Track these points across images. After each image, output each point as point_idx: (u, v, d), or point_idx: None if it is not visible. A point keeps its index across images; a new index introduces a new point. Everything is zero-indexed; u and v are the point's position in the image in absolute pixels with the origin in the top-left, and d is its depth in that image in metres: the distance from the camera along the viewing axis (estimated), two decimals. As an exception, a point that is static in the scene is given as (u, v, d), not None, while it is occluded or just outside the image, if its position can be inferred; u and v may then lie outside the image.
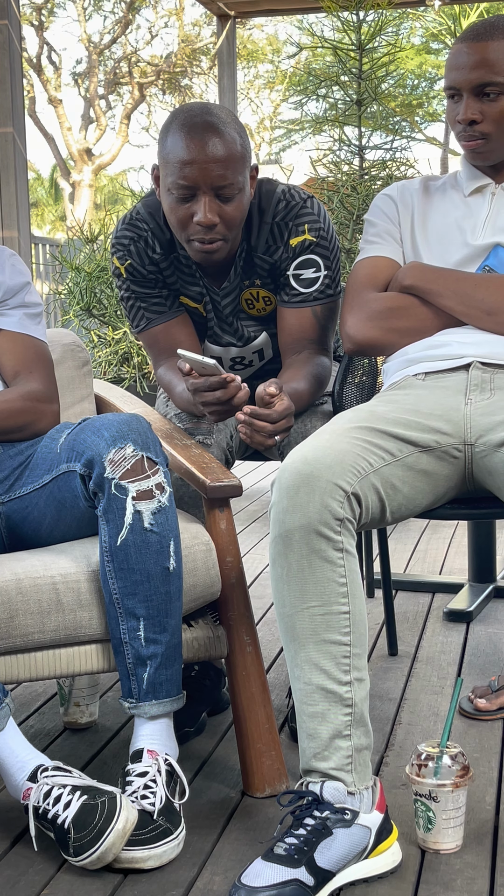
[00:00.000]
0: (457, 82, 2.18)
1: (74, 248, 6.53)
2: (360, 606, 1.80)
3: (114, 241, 2.42)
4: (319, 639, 1.78)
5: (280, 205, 2.33)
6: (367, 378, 2.58)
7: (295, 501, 1.79)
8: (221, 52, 8.35)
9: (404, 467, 1.93)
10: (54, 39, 50.14)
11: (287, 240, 2.33)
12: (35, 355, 2.31)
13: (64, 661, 1.98)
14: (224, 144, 2.17)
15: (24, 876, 1.83)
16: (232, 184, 2.18)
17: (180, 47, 22.68)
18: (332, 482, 1.79)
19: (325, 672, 1.77)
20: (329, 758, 1.77)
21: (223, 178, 2.16)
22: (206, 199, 2.17)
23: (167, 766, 1.92)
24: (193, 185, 2.17)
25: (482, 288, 2.18)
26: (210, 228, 2.20)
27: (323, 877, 1.71)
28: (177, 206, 2.21)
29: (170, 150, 2.19)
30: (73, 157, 23.73)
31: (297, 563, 1.79)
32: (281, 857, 1.71)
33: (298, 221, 2.33)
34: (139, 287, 2.41)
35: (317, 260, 2.35)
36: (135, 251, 2.38)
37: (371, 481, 1.85)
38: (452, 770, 1.83)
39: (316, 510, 1.77)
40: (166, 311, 2.42)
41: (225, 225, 2.21)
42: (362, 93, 5.85)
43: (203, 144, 2.16)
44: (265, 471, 5.62)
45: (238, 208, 2.22)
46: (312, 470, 1.79)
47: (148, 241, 2.37)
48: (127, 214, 2.42)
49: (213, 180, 2.16)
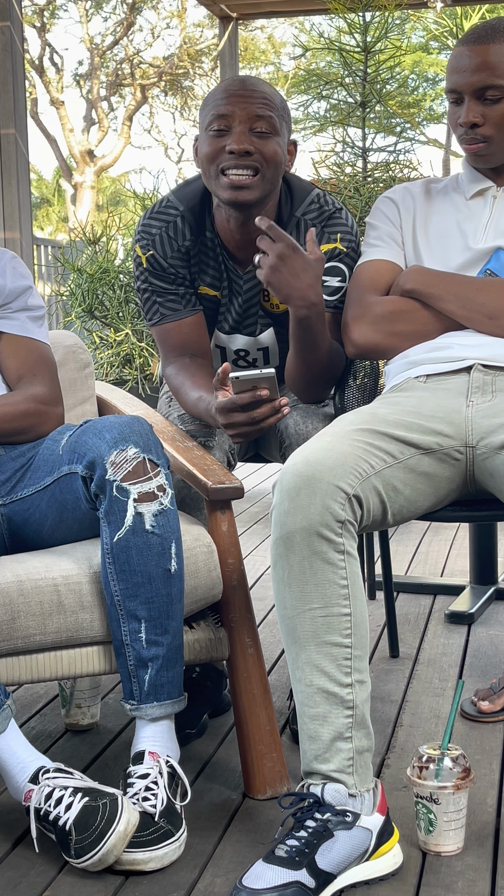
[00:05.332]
0: (458, 85, 2.19)
1: (76, 250, 6.53)
2: (362, 608, 1.80)
3: (139, 229, 2.41)
4: (320, 641, 1.78)
5: (313, 205, 2.35)
6: (368, 380, 2.58)
7: (296, 503, 1.79)
8: (224, 53, 8.35)
9: (406, 469, 1.93)
10: (56, 41, 50.24)
11: (317, 246, 2.33)
12: (38, 358, 2.31)
13: (65, 663, 1.98)
14: (261, 87, 2.26)
15: (26, 878, 1.83)
16: (269, 117, 2.22)
17: (182, 49, 22.69)
18: (333, 484, 1.79)
19: (327, 674, 1.78)
20: (330, 760, 1.77)
21: (260, 110, 2.21)
22: (241, 129, 2.21)
23: (168, 767, 1.92)
24: (229, 115, 2.22)
25: (484, 292, 2.18)
26: (243, 156, 2.20)
27: (324, 879, 1.71)
28: (212, 141, 2.24)
29: (209, 97, 2.28)
30: (75, 158, 23.74)
31: (298, 565, 1.79)
32: (282, 859, 1.71)
33: (332, 229, 2.35)
34: (157, 280, 2.40)
35: (343, 270, 2.35)
36: (159, 241, 2.38)
37: (372, 483, 1.85)
38: (454, 772, 1.83)
39: (317, 512, 1.77)
40: (181, 308, 2.41)
41: (262, 157, 2.22)
42: (367, 95, 5.85)
43: (241, 84, 2.26)
44: (267, 473, 5.62)
45: (272, 148, 2.23)
46: (314, 472, 1.79)
47: (177, 225, 2.37)
48: (155, 204, 2.42)
49: (248, 111, 2.21)
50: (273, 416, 2.03)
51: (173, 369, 2.39)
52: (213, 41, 21.12)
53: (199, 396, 2.25)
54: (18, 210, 5.48)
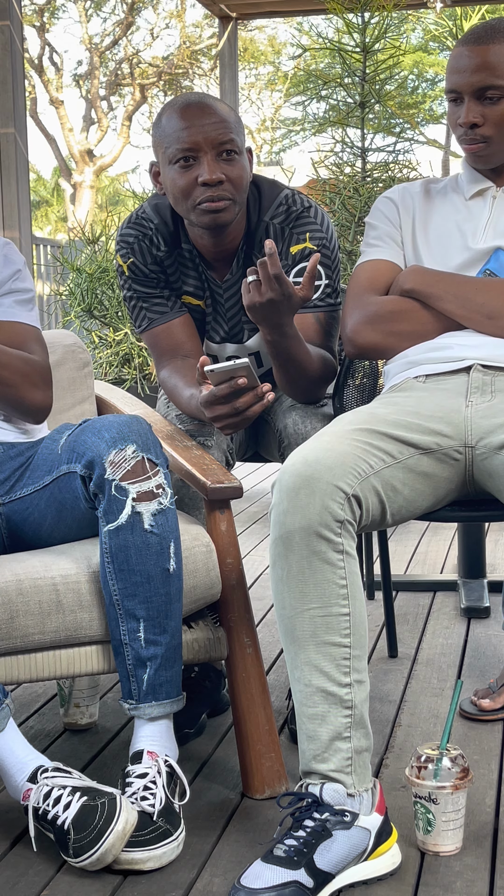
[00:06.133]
0: (458, 85, 2.18)
1: (76, 249, 6.53)
2: (361, 608, 1.80)
3: (118, 239, 2.43)
4: (319, 640, 1.78)
5: (280, 208, 2.34)
6: (367, 380, 2.58)
7: (295, 503, 1.79)
8: (223, 53, 8.36)
9: (405, 469, 1.93)
10: (56, 41, 50.19)
11: (287, 247, 2.33)
12: (31, 338, 2.25)
13: (64, 662, 1.98)
14: (217, 108, 2.24)
15: (24, 877, 1.83)
16: (232, 140, 2.22)
17: (181, 48, 22.68)
18: (332, 484, 1.79)
19: (325, 674, 1.78)
20: (329, 759, 1.77)
21: (223, 135, 2.21)
22: (208, 157, 2.21)
23: (167, 767, 1.92)
24: (195, 147, 2.21)
25: (483, 292, 2.18)
26: (216, 186, 2.21)
27: (322, 879, 1.71)
28: (180, 175, 2.23)
29: (165, 127, 2.25)
30: (75, 158, 23.73)
31: (297, 565, 1.79)
32: (280, 859, 1.71)
33: (299, 229, 2.33)
34: (141, 286, 2.42)
35: (318, 269, 2.34)
36: (138, 249, 2.39)
37: (371, 483, 1.85)
38: (452, 772, 1.83)
39: (316, 512, 1.77)
40: (168, 311, 2.42)
41: (232, 184, 2.23)
42: (366, 95, 5.84)
43: (199, 110, 2.23)
44: (265, 472, 5.62)
45: (240, 170, 2.24)
46: (313, 472, 1.79)
47: (153, 239, 2.39)
48: (132, 214, 2.44)
49: (213, 138, 2.21)
50: (257, 404, 2.04)
51: (167, 372, 2.39)
52: (213, 41, 21.11)
53: (190, 394, 2.26)
54: (18, 209, 5.48)
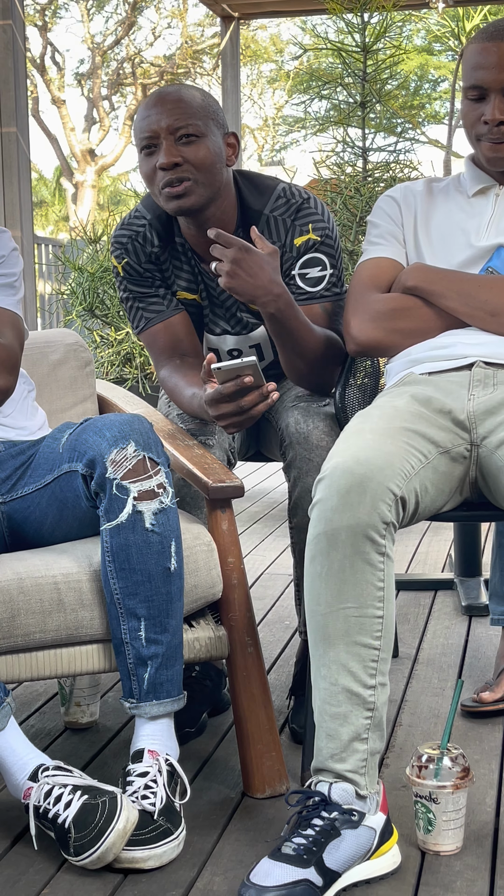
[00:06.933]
0: (484, 81, 2.16)
1: (77, 249, 6.53)
2: (392, 611, 1.81)
3: (112, 241, 2.46)
4: (351, 640, 1.77)
5: (279, 201, 2.35)
6: (368, 380, 2.57)
7: (346, 501, 1.78)
8: (225, 53, 8.35)
9: (433, 469, 1.94)
10: (58, 40, 50.09)
11: (290, 240, 2.34)
12: (4, 322, 2.19)
13: (65, 661, 1.98)
14: (179, 96, 2.27)
15: (25, 875, 1.83)
16: (188, 124, 2.24)
17: (183, 48, 22.68)
18: (384, 485, 1.79)
19: (353, 674, 1.77)
20: (346, 760, 1.77)
21: (179, 120, 2.23)
22: (166, 143, 2.24)
23: (168, 766, 1.92)
24: (154, 135, 2.25)
25: (486, 289, 2.18)
26: (173, 169, 2.24)
27: (331, 877, 1.71)
28: (144, 163, 2.28)
29: (136, 120, 2.30)
30: (76, 157, 23.73)
31: (338, 563, 1.78)
32: (290, 857, 1.70)
33: (302, 221, 2.34)
34: (136, 286, 2.43)
35: (322, 259, 2.35)
36: (132, 249, 2.41)
37: (413, 485, 1.86)
38: (453, 772, 1.83)
39: (366, 512, 1.77)
40: (164, 309, 2.43)
41: (192, 165, 2.25)
42: (366, 95, 5.84)
43: (160, 99, 2.27)
44: (267, 472, 5.62)
45: (201, 151, 2.25)
46: (366, 471, 1.79)
47: (146, 236, 2.40)
48: (126, 215, 2.48)
49: (170, 123, 2.23)
50: (262, 403, 2.04)
51: (167, 371, 2.40)
52: (215, 40, 21.11)
53: (192, 393, 2.26)
54: (19, 208, 5.48)
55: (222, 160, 2.30)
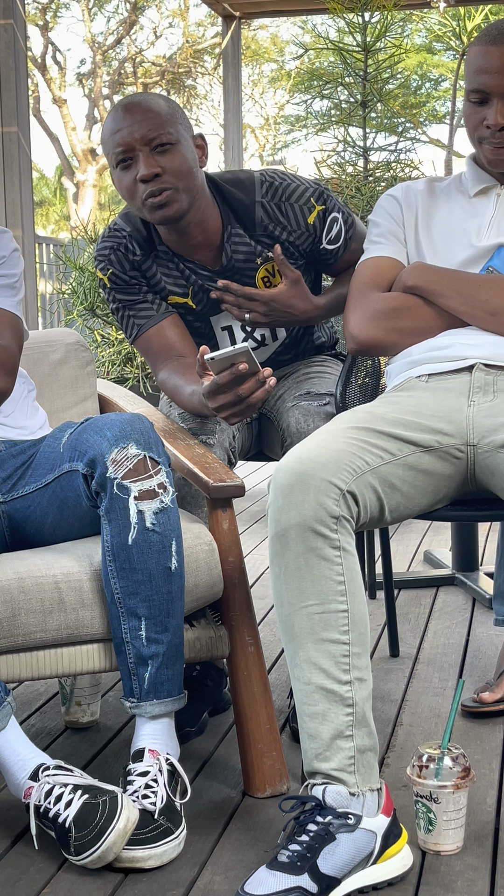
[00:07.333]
0: (486, 86, 2.16)
1: (78, 248, 6.52)
2: (360, 605, 1.80)
3: (96, 255, 2.48)
4: (318, 638, 1.77)
5: (264, 186, 2.39)
6: (369, 379, 2.57)
7: (290, 500, 1.79)
8: (226, 52, 8.35)
9: (405, 467, 1.93)
10: (59, 39, 50.16)
11: (304, 221, 2.38)
12: (3, 323, 2.19)
13: (66, 661, 1.98)
14: (146, 105, 2.28)
15: (25, 875, 1.83)
16: (161, 133, 2.25)
17: (184, 47, 22.68)
18: (326, 480, 1.79)
19: (325, 671, 1.77)
20: (331, 758, 1.76)
21: (152, 130, 2.25)
22: (143, 155, 2.25)
23: (168, 765, 1.92)
24: (129, 148, 2.26)
25: (486, 289, 2.18)
26: (154, 180, 2.25)
27: (327, 884, 1.69)
28: (123, 177, 2.29)
29: (104, 133, 2.31)
30: (77, 156, 23.73)
31: (294, 562, 1.78)
32: (284, 865, 1.69)
33: (301, 199, 2.39)
34: (124, 295, 2.44)
35: (334, 217, 2.44)
36: (115, 259, 2.43)
37: (368, 480, 1.85)
38: (453, 771, 1.83)
39: (311, 508, 1.77)
40: (154, 313, 2.43)
41: (172, 174, 2.26)
42: (367, 94, 5.84)
43: (127, 111, 2.28)
44: (268, 471, 5.62)
45: (178, 158, 2.27)
46: (306, 468, 1.80)
47: (127, 246, 2.42)
48: (106, 228, 2.50)
49: (143, 135, 2.24)
50: (260, 390, 2.06)
51: (165, 373, 2.40)
52: (216, 40, 21.10)
53: (192, 391, 2.26)
54: (21, 208, 5.47)
55: (197, 164, 2.33)
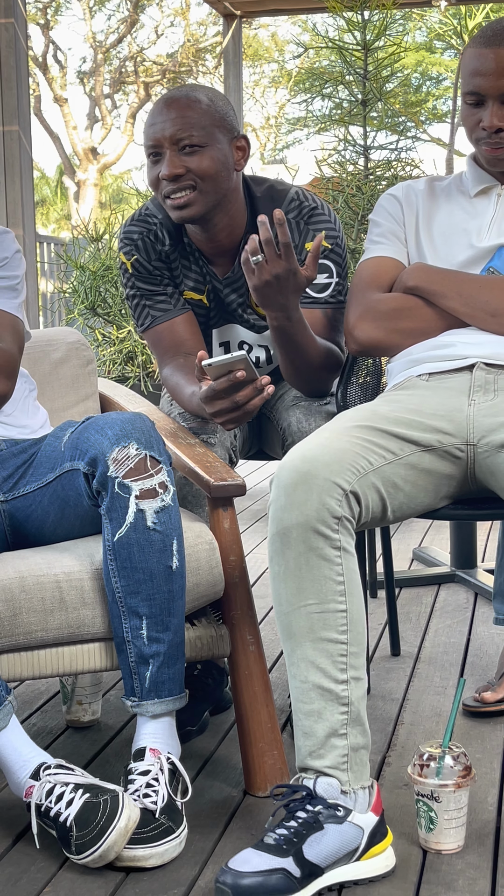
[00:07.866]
0: (482, 88, 2.16)
1: (79, 247, 6.52)
2: (358, 605, 1.80)
3: (122, 236, 2.44)
4: (316, 637, 1.78)
5: (293, 204, 2.36)
6: (370, 378, 2.58)
7: (293, 499, 1.79)
8: (227, 51, 8.35)
9: (406, 466, 1.93)
10: (60, 38, 50.11)
11: (302, 243, 2.35)
12: (4, 325, 2.19)
13: (67, 660, 1.98)
14: (185, 103, 2.26)
15: (26, 874, 1.83)
16: (191, 135, 2.24)
17: (185, 46, 22.67)
18: (330, 480, 1.79)
19: (322, 670, 1.78)
20: (324, 756, 1.77)
21: (181, 131, 2.24)
22: (169, 153, 2.25)
23: (169, 764, 1.92)
24: (158, 144, 2.26)
25: (486, 289, 2.18)
26: (175, 180, 2.25)
27: (310, 870, 1.71)
28: (151, 169, 2.30)
29: (145, 126, 2.31)
30: (79, 155, 23.73)
31: (294, 561, 1.79)
32: (270, 847, 1.72)
33: (314, 226, 2.35)
34: (144, 284, 2.42)
35: (330, 266, 2.36)
36: (142, 246, 2.40)
37: (371, 480, 1.85)
38: (454, 770, 1.83)
39: (314, 508, 1.77)
40: (171, 308, 2.42)
41: (195, 175, 2.25)
42: (367, 93, 5.84)
43: (167, 105, 2.27)
44: (269, 470, 5.62)
45: (206, 160, 2.26)
46: (310, 468, 1.80)
47: (157, 234, 2.40)
48: (136, 211, 2.46)
49: (172, 134, 2.24)
50: (257, 397, 2.04)
51: (169, 370, 2.39)
52: (217, 39, 21.09)
53: (192, 392, 2.26)
54: (21, 207, 5.47)
55: (228, 167, 2.30)
